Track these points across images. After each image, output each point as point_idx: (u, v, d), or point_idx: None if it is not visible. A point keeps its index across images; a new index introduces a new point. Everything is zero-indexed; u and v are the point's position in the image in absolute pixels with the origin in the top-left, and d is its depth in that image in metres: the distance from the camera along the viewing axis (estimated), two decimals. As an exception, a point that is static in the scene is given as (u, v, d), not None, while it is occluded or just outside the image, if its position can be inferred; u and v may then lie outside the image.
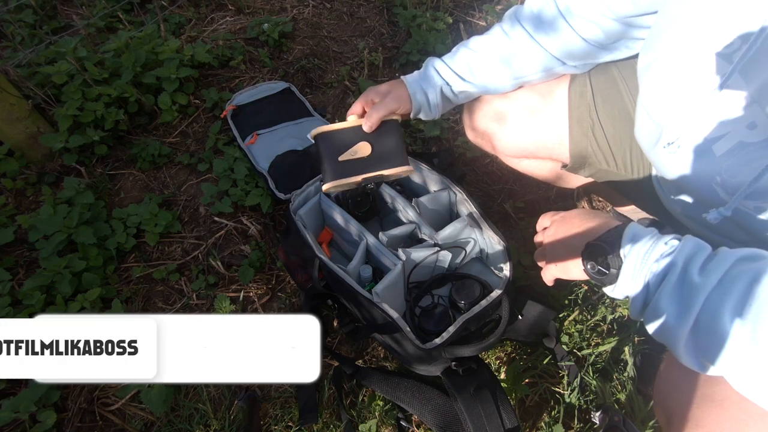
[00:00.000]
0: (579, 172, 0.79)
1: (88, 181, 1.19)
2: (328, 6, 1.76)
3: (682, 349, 0.42)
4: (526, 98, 0.77)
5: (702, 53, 0.49)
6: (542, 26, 0.69)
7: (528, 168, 0.89)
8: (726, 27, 0.46)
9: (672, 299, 0.42)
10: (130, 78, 1.27)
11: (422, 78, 0.77)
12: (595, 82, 0.72)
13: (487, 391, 0.74)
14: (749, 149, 0.48)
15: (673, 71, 0.53)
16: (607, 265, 0.48)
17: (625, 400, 0.88)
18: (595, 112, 0.72)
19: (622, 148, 0.72)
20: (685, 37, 0.51)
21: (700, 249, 0.43)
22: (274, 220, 1.16)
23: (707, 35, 0.48)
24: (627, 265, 0.46)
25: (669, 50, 0.53)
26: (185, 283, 1.06)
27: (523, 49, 0.71)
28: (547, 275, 0.61)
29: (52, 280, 0.97)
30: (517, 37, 0.71)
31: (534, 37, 0.70)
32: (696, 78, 0.50)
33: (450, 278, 0.91)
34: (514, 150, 0.81)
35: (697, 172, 0.54)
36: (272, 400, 0.91)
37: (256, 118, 1.31)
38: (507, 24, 0.72)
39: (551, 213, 0.63)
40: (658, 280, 0.44)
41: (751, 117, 0.47)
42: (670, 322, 0.42)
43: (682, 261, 0.43)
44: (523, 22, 0.70)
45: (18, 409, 0.83)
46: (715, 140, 0.51)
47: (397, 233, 0.89)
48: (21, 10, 1.56)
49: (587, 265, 0.51)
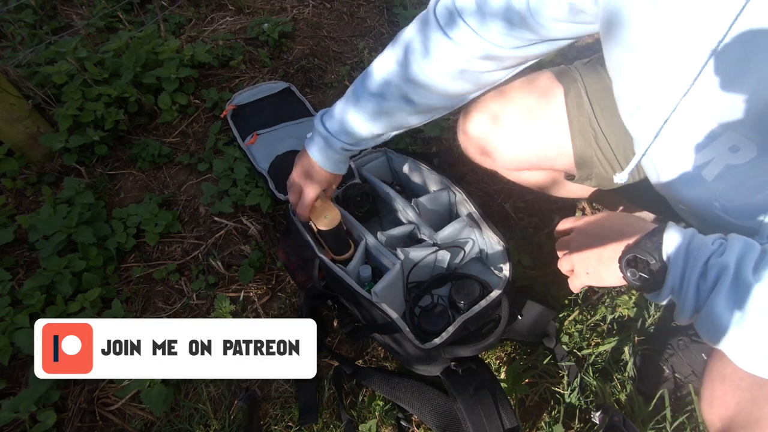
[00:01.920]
0: (585, 182, 0.78)
1: (88, 181, 1.19)
2: (328, 6, 1.76)
3: (740, 351, 0.41)
4: (523, 102, 0.75)
5: (666, 78, 0.47)
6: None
7: (529, 179, 0.87)
8: (683, 56, 0.44)
9: (728, 302, 0.41)
10: (130, 78, 1.27)
11: (328, 150, 0.77)
12: (591, 92, 0.71)
13: (486, 391, 0.74)
14: (738, 171, 0.48)
15: (634, 94, 0.52)
16: (650, 271, 0.46)
17: (625, 400, 0.88)
18: (596, 122, 0.71)
19: (626, 155, 0.71)
20: (641, 57, 0.49)
21: (750, 247, 0.42)
22: (274, 220, 1.16)
23: (663, 57, 0.46)
24: (673, 270, 0.44)
25: (628, 74, 0.52)
26: (185, 283, 1.06)
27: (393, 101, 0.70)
28: (576, 283, 0.59)
29: (52, 280, 0.98)
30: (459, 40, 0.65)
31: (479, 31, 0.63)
32: (654, 99, 0.49)
33: (449, 278, 0.90)
34: (515, 163, 0.80)
35: (695, 197, 0.53)
36: (272, 400, 0.91)
37: (256, 118, 1.31)
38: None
39: (572, 219, 0.61)
40: (710, 283, 0.42)
41: (730, 141, 0.46)
42: (729, 326, 0.41)
43: (734, 262, 0.41)
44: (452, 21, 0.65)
45: (18, 409, 0.83)
46: (702, 166, 0.50)
47: (396, 233, 0.89)
48: (21, 10, 1.56)
49: (628, 273, 0.48)
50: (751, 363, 0.41)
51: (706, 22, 0.41)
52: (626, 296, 0.98)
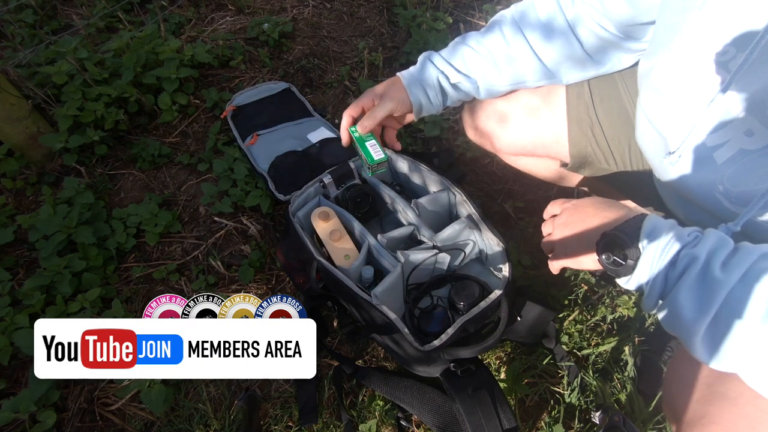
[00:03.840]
0: (579, 171, 0.79)
1: (88, 181, 1.19)
2: (328, 6, 1.76)
3: (698, 343, 0.42)
4: (527, 99, 0.77)
5: (700, 61, 0.49)
6: (546, 37, 0.67)
7: (527, 166, 0.89)
8: (724, 35, 0.45)
9: (692, 293, 0.42)
10: (130, 78, 1.27)
11: (419, 73, 0.74)
12: (593, 82, 0.72)
13: (485, 392, 0.74)
14: (750, 157, 0.48)
15: (671, 79, 0.53)
16: (624, 256, 0.47)
17: (625, 400, 0.88)
18: (594, 112, 0.72)
19: (621, 147, 0.72)
20: (683, 44, 0.50)
21: (723, 243, 0.43)
22: (274, 220, 1.16)
23: (705, 43, 0.48)
24: (646, 256, 0.45)
25: (668, 58, 0.53)
26: (185, 283, 1.06)
27: (522, 57, 0.70)
28: (555, 265, 0.60)
29: (52, 280, 0.98)
30: (517, 45, 0.69)
31: (533, 47, 0.68)
32: (694, 86, 0.50)
33: (449, 279, 0.90)
34: (513, 148, 0.81)
35: (699, 180, 0.54)
36: (272, 400, 0.91)
37: (257, 118, 1.31)
38: (509, 29, 0.70)
39: (562, 200, 0.62)
40: (677, 273, 0.43)
41: (748, 125, 0.47)
42: (689, 315, 0.42)
43: (704, 254, 0.42)
44: (526, 30, 0.69)
45: (18, 409, 0.83)
46: (716, 148, 0.51)
47: (396, 235, 0.89)
48: (21, 10, 1.56)
49: (603, 256, 0.50)
50: (705, 354, 0.42)
51: (753, 7, 0.42)
52: (626, 296, 0.98)
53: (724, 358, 0.40)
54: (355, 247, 0.89)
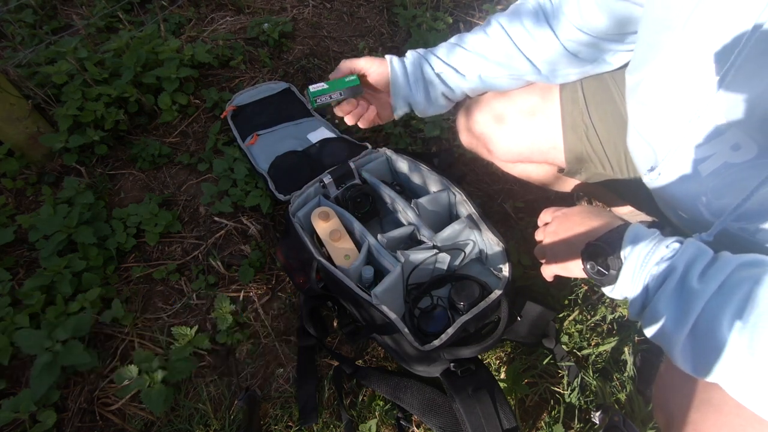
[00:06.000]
0: (575, 176, 0.79)
1: (88, 181, 1.19)
2: (328, 6, 1.76)
3: (678, 353, 0.43)
4: (523, 101, 0.77)
5: (685, 77, 0.49)
6: (525, 30, 0.69)
7: (524, 172, 0.89)
8: (707, 53, 0.45)
9: (670, 303, 0.42)
10: (130, 78, 1.27)
11: (404, 58, 0.75)
12: (586, 87, 0.72)
13: (485, 391, 0.74)
14: (734, 170, 0.48)
15: (658, 94, 0.53)
16: (606, 265, 0.48)
17: (625, 400, 0.88)
18: (588, 117, 0.72)
19: (617, 152, 0.72)
20: (667, 62, 0.50)
21: (702, 253, 0.43)
22: (274, 220, 1.16)
23: (689, 60, 0.48)
24: (627, 266, 0.46)
25: (653, 73, 0.53)
26: (185, 283, 1.06)
27: (509, 56, 0.71)
28: (547, 271, 0.61)
29: (52, 280, 0.98)
30: (500, 43, 0.71)
31: (516, 44, 0.70)
32: (680, 101, 0.50)
33: (449, 279, 0.90)
34: (510, 155, 0.81)
35: (684, 191, 0.54)
36: (272, 400, 0.91)
37: (257, 118, 1.31)
38: (495, 28, 0.72)
39: (553, 209, 0.63)
40: (657, 283, 0.44)
41: (734, 138, 0.47)
42: (668, 326, 0.42)
43: (682, 265, 0.42)
44: (508, 28, 0.70)
45: (18, 409, 0.83)
46: (701, 161, 0.51)
47: (396, 235, 0.89)
48: (21, 10, 1.56)
49: (587, 265, 0.51)
50: (687, 364, 0.43)
51: (735, 18, 0.42)
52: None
53: (704, 368, 0.41)
54: (355, 247, 0.89)
